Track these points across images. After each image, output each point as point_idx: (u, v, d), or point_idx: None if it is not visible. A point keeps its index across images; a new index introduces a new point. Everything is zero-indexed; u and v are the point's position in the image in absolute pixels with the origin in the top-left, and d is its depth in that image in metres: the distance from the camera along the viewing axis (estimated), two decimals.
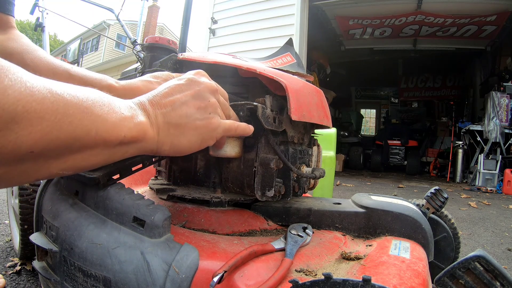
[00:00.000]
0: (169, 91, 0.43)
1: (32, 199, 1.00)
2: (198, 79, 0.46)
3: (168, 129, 0.41)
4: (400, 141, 7.11)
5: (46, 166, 0.31)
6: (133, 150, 0.39)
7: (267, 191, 0.57)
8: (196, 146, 0.44)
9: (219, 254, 0.46)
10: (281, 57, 0.87)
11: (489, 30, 5.56)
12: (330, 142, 2.08)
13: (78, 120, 0.30)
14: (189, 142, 0.43)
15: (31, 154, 0.28)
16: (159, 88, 0.44)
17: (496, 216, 2.75)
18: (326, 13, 5.57)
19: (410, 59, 7.90)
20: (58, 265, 0.48)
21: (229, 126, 0.47)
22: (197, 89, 0.44)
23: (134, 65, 1.48)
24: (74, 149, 0.32)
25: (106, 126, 0.33)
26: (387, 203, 0.61)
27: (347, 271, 0.47)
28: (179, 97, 0.42)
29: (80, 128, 0.31)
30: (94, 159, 0.35)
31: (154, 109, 0.40)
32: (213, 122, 0.44)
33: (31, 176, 0.31)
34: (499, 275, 0.40)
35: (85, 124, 0.31)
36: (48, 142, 0.28)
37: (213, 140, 0.46)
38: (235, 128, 0.48)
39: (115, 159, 0.38)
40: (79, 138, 0.31)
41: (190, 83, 0.45)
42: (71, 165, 0.33)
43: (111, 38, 12.81)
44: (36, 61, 0.57)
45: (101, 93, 0.35)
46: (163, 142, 0.41)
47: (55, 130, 0.28)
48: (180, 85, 0.44)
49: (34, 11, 2.68)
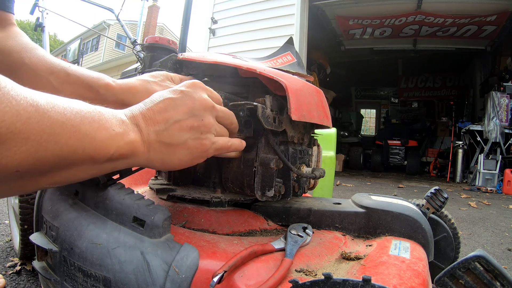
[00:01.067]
0: (163, 106, 0.41)
1: (32, 199, 1.00)
2: (193, 94, 0.44)
3: (159, 148, 0.40)
4: (400, 141, 7.12)
5: (33, 183, 0.31)
6: (122, 165, 0.39)
7: (267, 191, 0.57)
8: (186, 164, 0.44)
9: (219, 254, 0.46)
10: (281, 57, 0.87)
11: (489, 30, 5.55)
12: (330, 142, 2.08)
13: (64, 140, 0.30)
14: (179, 160, 0.42)
15: (16, 174, 0.28)
16: (153, 98, 0.43)
17: (496, 216, 2.75)
18: (326, 13, 5.57)
19: (410, 59, 7.89)
20: (58, 265, 0.48)
21: (221, 146, 0.46)
22: (191, 106, 0.43)
23: (134, 65, 1.48)
24: (61, 167, 0.31)
25: (94, 145, 0.33)
26: (387, 203, 0.61)
27: (347, 271, 0.47)
28: (173, 114, 0.41)
29: (66, 147, 0.30)
30: (81, 174, 0.35)
31: (147, 126, 0.40)
32: (205, 143, 0.44)
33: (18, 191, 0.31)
34: (499, 275, 0.40)
35: (72, 143, 0.31)
36: (34, 161, 0.28)
37: (203, 158, 0.45)
38: (227, 147, 0.48)
39: (104, 172, 0.38)
40: (65, 157, 0.31)
41: (185, 98, 0.43)
42: (59, 180, 0.33)
43: (111, 38, 12.81)
44: (34, 59, 0.57)
45: (91, 107, 0.35)
46: (153, 159, 0.41)
47: (41, 150, 0.28)
48: (174, 100, 0.42)
49: (34, 11, 2.67)
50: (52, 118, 0.29)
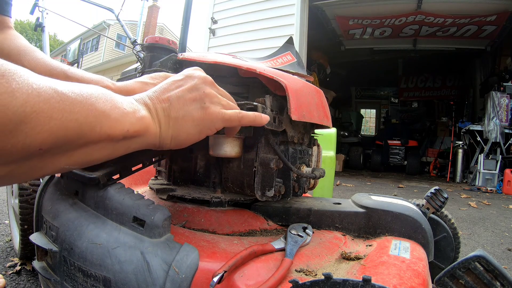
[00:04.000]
0: (167, 87, 0.44)
1: (32, 199, 1.00)
2: (193, 73, 0.47)
3: (168, 123, 0.42)
4: (400, 141, 7.12)
5: (52, 162, 0.32)
6: (136, 145, 0.40)
7: (267, 191, 0.57)
8: (195, 137, 0.44)
9: (219, 254, 0.46)
10: (281, 56, 0.87)
11: (489, 30, 5.55)
12: (330, 142, 2.08)
13: (83, 117, 0.32)
14: (187, 134, 0.43)
15: (39, 152, 0.29)
16: (157, 85, 0.45)
17: (496, 216, 2.75)
18: (326, 13, 5.57)
19: (410, 59, 7.89)
20: (58, 265, 0.48)
21: (230, 115, 0.45)
22: (192, 83, 0.45)
23: (134, 65, 1.48)
24: (80, 145, 0.33)
25: (110, 122, 0.35)
26: (387, 203, 0.61)
27: (347, 271, 0.47)
28: (176, 92, 0.44)
29: (85, 125, 0.32)
30: (98, 154, 0.36)
31: (154, 104, 0.42)
32: (211, 112, 0.44)
33: (38, 173, 0.32)
34: (499, 275, 0.40)
35: (90, 121, 0.32)
36: (56, 139, 0.30)
37: (212, 130, 0.45)
38: (239, 118, 0.46)
39: (119, 153, 0.39)
40: (84, 134, 0.32)
41: (186, 78, 0.46)
42: (76, 160, 0.35)
43: (111, 38, 12.80)
44: (33, 62, 0.57)
45: (103, 90, 0.37)
46: (165, 136, 0.42)
47: (62, 127, 0.30)
48: (177, 81, 0.45)
49: (34, 11, 2.67)
50: (71, 97, 0.31)
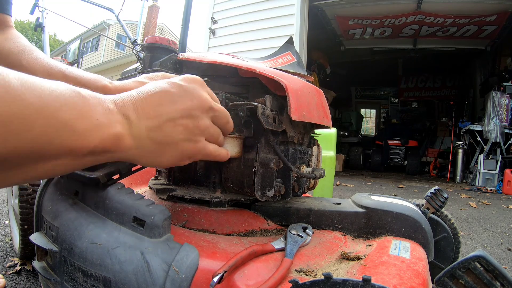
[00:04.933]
0: (158, 99, 0.38)
1: (32, 199, 1.00)
2: (192, 91, 0.40)
3: (149, 145, 0.37)
4: (400, 141, 7.12)
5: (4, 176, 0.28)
6: (106, 159, 0.35)
7: (267, 191, 0.57)
8: (173, 164, 0.42)
9: (219, 254, 0.46)
10: (281, 56, 0.87)
11: (489, 30, 5.56)
12: (330, 142, 2.08)
13: (39, 128, 0.26)
14: (167, 160, 0.40)
15: None
16: (147, 88, 0.39)
17: (496, 216, 2.75)
18: (326, 13, 5.57)
19: (410, 59, 7.89)
20: (58, 265, 0.48)
21: (210, 153, 0.44)
22: (188, 105, 0.39)
23: (134, 65, 1.48)
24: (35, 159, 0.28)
25: (73, 135, 0.29)
26: (387, 203, 0.61)
27: (347, 271, 0.47)
28: (168, 110, 0.38)
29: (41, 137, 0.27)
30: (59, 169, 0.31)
31: (139, 119, 0.36)
32: (196, 147, 0.41)
33: None
34: (499, 275, 0.40)
35: (48, 132, 0.27)
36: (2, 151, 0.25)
37: (190, 160, 0.43)
38: (214, 156, 0.45)
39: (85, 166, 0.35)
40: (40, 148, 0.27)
41: (183, 94, 0.39)
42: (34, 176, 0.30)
43: (111, 38, 12.80)
44: (31, 61, 0.57)
45: (75, 91, 0.31)
46: (140, 155, 0.38)
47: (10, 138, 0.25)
48: (171, 94, 0.39)
49: (34, 11, 2.68)
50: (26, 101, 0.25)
